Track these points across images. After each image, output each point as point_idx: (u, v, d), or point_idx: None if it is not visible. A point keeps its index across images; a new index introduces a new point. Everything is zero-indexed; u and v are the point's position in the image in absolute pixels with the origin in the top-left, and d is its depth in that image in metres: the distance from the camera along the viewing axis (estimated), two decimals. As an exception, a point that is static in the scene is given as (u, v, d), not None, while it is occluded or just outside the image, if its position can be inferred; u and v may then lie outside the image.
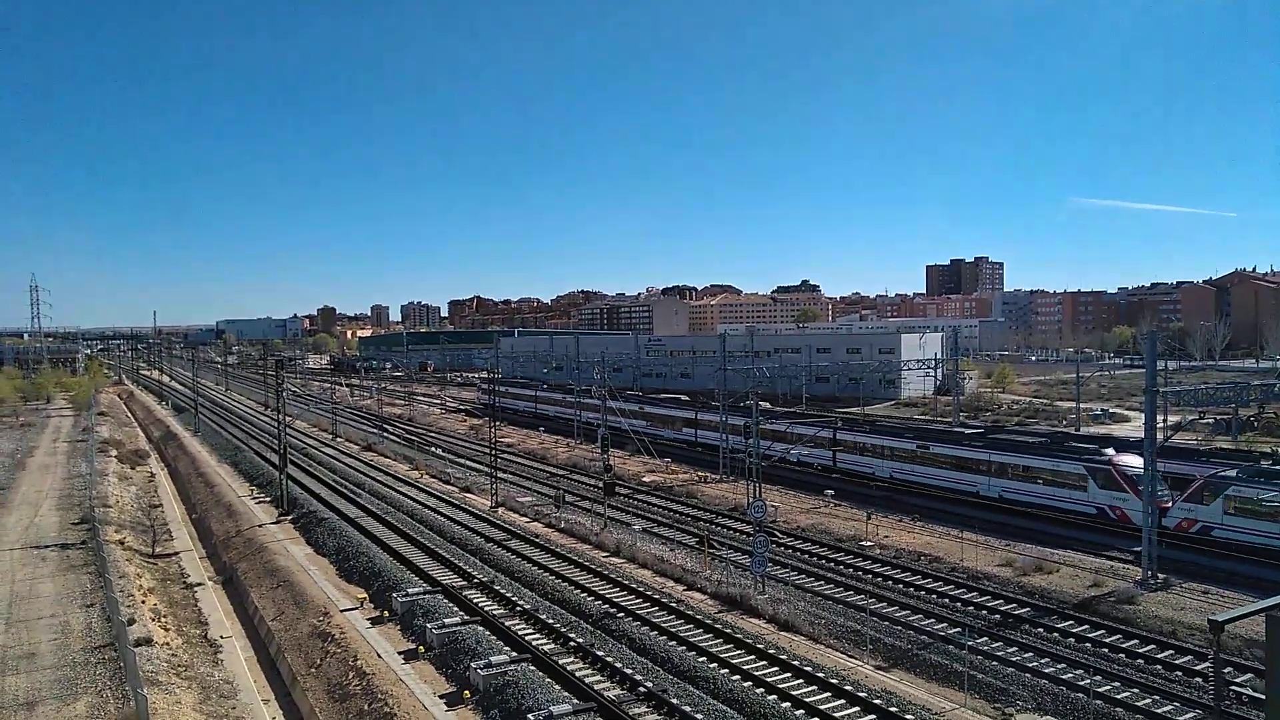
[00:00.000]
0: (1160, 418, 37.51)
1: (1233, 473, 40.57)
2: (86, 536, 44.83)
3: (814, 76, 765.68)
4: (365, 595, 34.68)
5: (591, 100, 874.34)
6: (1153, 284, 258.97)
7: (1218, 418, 71.79)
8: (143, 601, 34.34)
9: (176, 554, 45.71)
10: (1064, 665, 27.02)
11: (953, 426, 66.14)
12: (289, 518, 50.26)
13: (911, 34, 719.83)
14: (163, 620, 32.67)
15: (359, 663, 27.19)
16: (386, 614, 32.13)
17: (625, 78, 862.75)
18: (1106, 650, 28.42)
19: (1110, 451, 46.66)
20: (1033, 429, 72.37)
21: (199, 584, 40.21)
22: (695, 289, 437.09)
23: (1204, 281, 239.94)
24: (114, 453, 77.12)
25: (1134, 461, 43.98)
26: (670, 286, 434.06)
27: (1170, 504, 41.03)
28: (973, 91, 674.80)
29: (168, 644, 29.77)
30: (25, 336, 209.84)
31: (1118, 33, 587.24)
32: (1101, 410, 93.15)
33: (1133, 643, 28.81)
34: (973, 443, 52.81)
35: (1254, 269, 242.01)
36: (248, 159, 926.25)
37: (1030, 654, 28.04)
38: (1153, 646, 28.43)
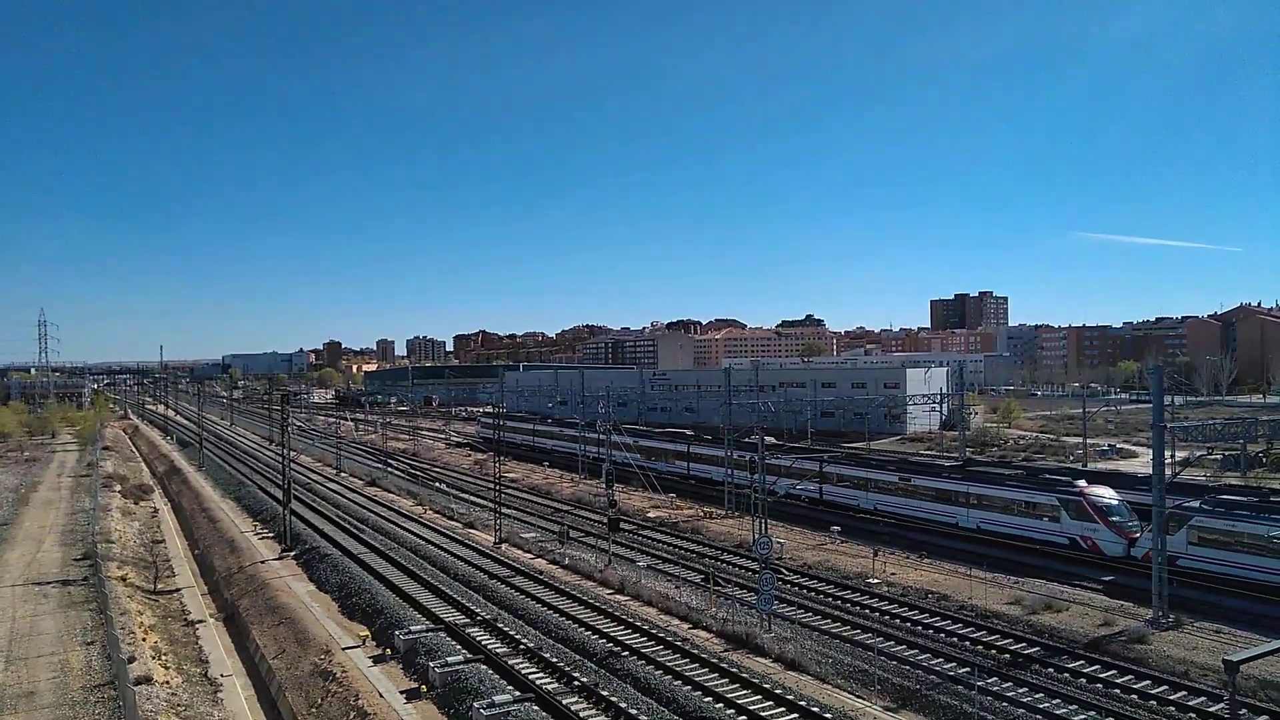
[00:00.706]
0: (1168, 453, 37.15)
1: (1196, 504, 41.75)
2: (88, 573, 44.62)
3: (819, 113, 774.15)
4: (368, 633, 34.37)
5: (597, 136, 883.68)
6: (1158, 318, 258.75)
7: (1226, 454, 71.30)
8: (143, 639, 34.08)
9: (178, 590, 45.44)
10: (1076, 706, 26.58)
11: (935, 460, 65.51)
12: (292, 554, 50.00)
13: (915, 69, 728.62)
14: (163, 658, 32.39)
15: (360, 702, 26.89)
16: (389, 652, 31.83)
17: (631, 112, 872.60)
18: (1118, 691, 27.97)
19: (1082, 483, 47.68)
20: (1014, 462, 72.32)
21: (200, 621, 39.91)
22: (700, 323, 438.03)
23: (1209, 316, 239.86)
24: (118, 488, 77.03)
25: (1105, 493, 45.91)
26: (675, 321, 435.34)
27: (1139, 534, 42.54)
28: (976, 126, 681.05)
29: (167, 682, 29.49)
30: (32, 371, 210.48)
31: (1121, 68, 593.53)
32: (1109, 446, 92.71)
33: (1145, 683, 28.36)
34: (951, 475, 54.07)
35: (1259, 304, 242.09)
36: (255, 194, 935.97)
37: (1041, 694, 27.59)
38: (1165, 687, 27.98)
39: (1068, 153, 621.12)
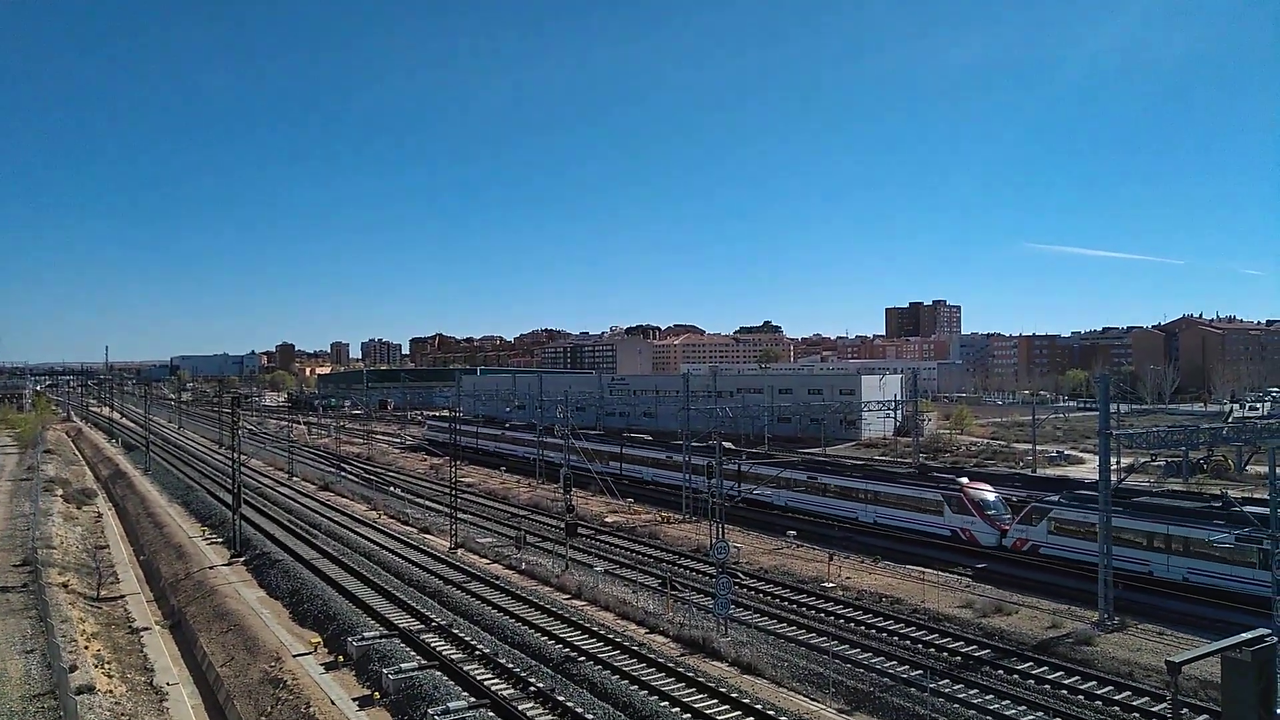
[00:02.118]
0: (1114, 460, 38.27)
1: (1055, 498, 46.83)
2: (28, 579, 43.29)
3: (775, 122, 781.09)
4: (320, 639, 33.81)
5: (555, 141, 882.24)
6: (1105, 328, 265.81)
7: (1169, 460, 73.29)
8: (85, 647, 33.12)
9: (123, 597, 44.24)
10: (1025, 707, 27.11)
11: (905, 466, 67.34)
12: (241, 559, 49.02)
13: (869, 82, 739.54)
14: (106, 666, 31.50)
15: (311, 710, 26.42)
16: (341, 659, 31.31)
17: (592, 121, 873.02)
18: (1066, 692, 28.58)
19: (964, 480, 53.16)
20: (965, 467, 75.18)
21: (145, 628, 38.90)
22: (659, 329, 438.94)
23: (1154, 326, 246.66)
24: (60, 492, 74.85)
25: (982, 490, 51.25)
26: (634, 326, 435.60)
27: (1010, 526, 47.43)
28: (932, 140, 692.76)
29: (111, 691, 28.69)
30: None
31: (1071, 88, 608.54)
32: (1057, 452, 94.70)
33: (1091, 684, 29.01)
34: (853, 474, 59.14)
35: (1201, 314, 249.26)
36: (207, 192, 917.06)
37: (991, 696, 28.09)
38: (1111, 688, 28.66)
39: (1020, 166, 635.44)
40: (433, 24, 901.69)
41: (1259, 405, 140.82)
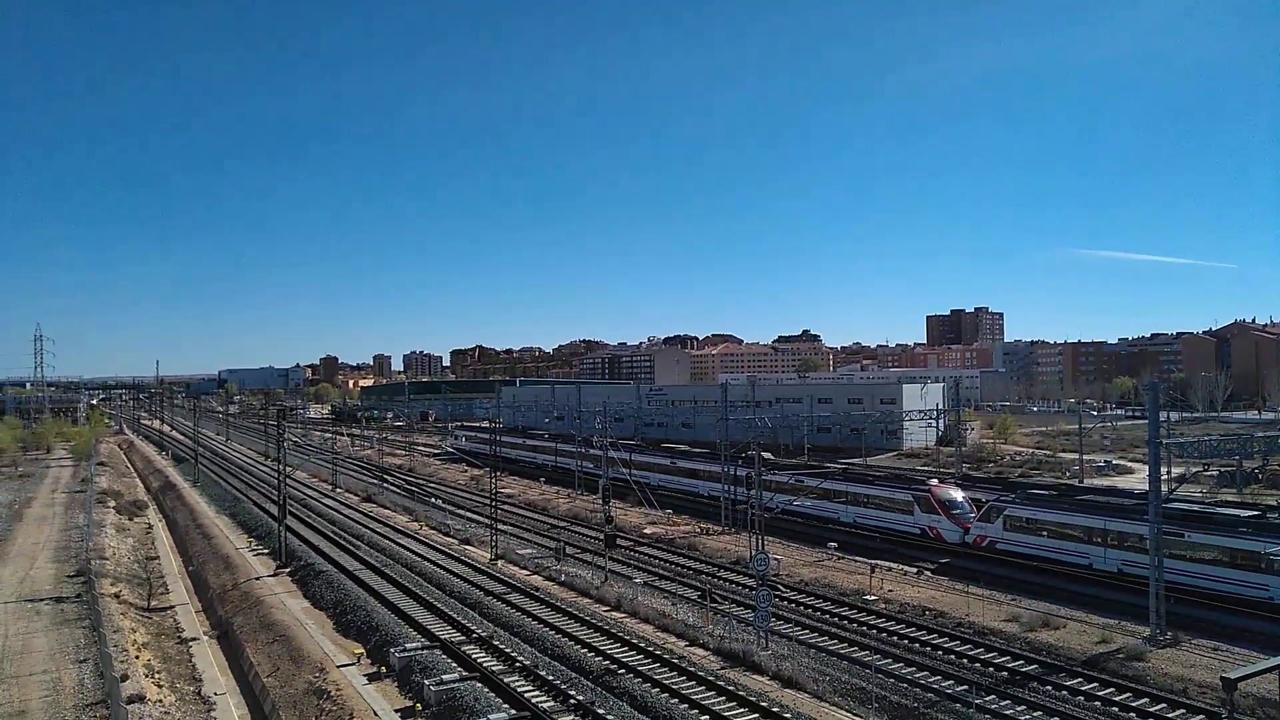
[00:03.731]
0: (1164, 470, 37.48)
1: (1011, 498, 50.84)
2: (82, 590, 44.38)
3: (816, 131, 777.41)
4: (363, 650, 34.20)
5: (596, 153, 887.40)
6: (1153, 335, 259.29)
7: (1222, 470, 71.39)
8: (136, 657, 33.85)
9: (172, 607, 45.19)
10: (1074, 724, 26.50)
11: (956, 477, 66.70)
12: (287, 570, 49.78)
13: (912, 90, 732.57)
14: (156, 676, 32.16)
15: (355, 721, 26.70)
16: (384, 670, 31.64)
17: (628, 131, 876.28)
18: (1117, 709, 27.87)
19: (934, 482, 57.24)
20: (1010, 477, 75.18)
21: (194, 639, 39.69)
22: (697, 338, 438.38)
23: (1204, 332, 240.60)
24: (112, 504, 76.71)
25: (949, 491, 54.85)
26: (672, 336, 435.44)
27: (972, 524, 50.72)
28: (972, 143, 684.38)
29: (160, 701, 29.28)
30: (28, 386, 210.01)
31: (1117, 85, 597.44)
32: (1105, 462, 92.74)
33: (1143, 701, 28.27)
34: (834, 477, 62.55)
35: (1254, 320, 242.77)
36: (252, 208, 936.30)
37: (1040, 713, 27.50)
38: (1164, 705, 27.90)
39: (1064, 168, 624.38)
40: (470, 40, 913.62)
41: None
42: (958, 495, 54.22)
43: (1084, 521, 44.84)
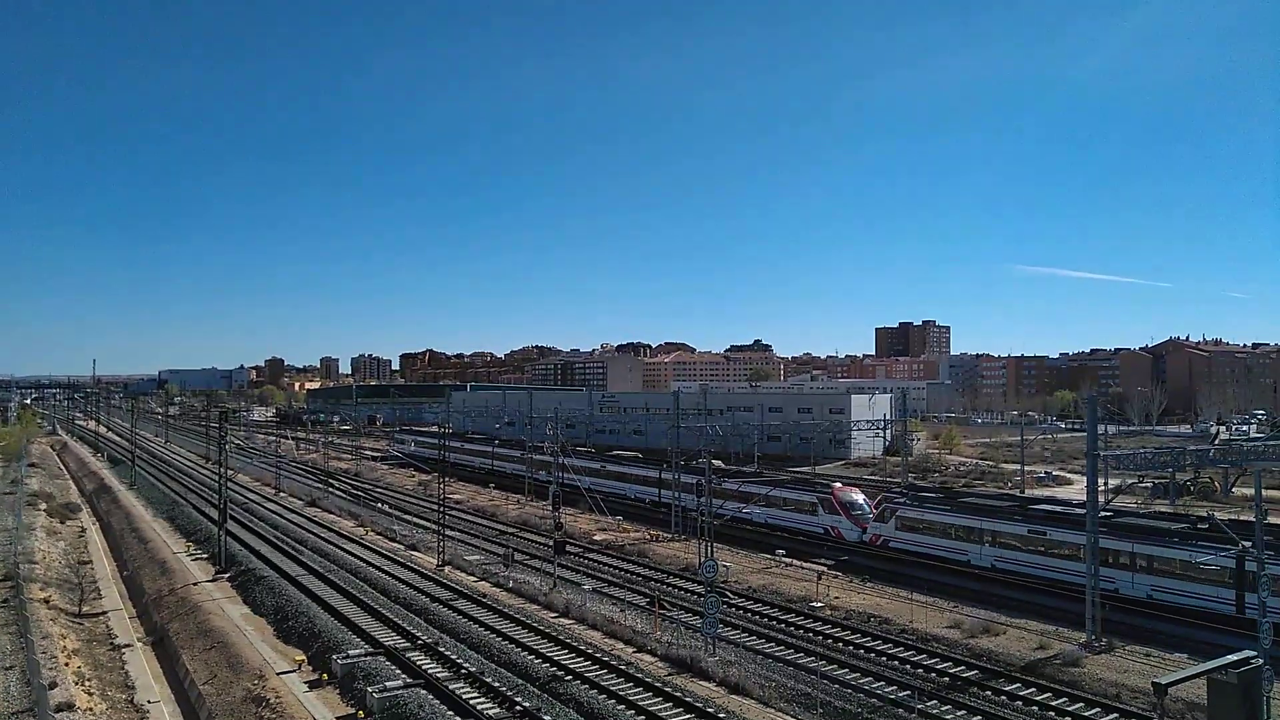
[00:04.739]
0: (1101, 481, 38.59)
1: (902, 499, 54.10)
2: (9, 594, 42.83)
3: (767, 143, 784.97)
4: (304, 657, 33.54)
5: (546, 158, 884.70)
6: (1092, 350, 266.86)
7: (1156, 481, 73.57)
8: (66, 664, 32.75)
9: (105, 613, 43.82)
10: (1012, 729, 27.04)
11: (903, 487, 67.78)
12: (226, 575, 48.62)
13: (861, 108, 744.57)
14: (86, 684, 31.14)
15: (295, 729, 26.13)
16: (326, 677, 31.05)
17: (581, 137, 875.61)
18: (1053, 714, 28.52)
19: (837, 485, 60.63)
20: (948, 487, 77.46)
21: (127, 645, 38.51)
22: (650, 346, 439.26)
23: (1141, 348, 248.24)
24: (43, 506, 74.21)
25: (849, 493, 58.34)
26: (625, 343, 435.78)
27: (869, 524, 53.84)
28: (922, 161, 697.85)
29: (91, 709, 28.36)
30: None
31: (1062, 112, 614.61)
32: (1046, 473, 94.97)
33: (1078, 705, 28.96)
34: (750, 480, 65.24)
35: (1188, 337, 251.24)
36: (194, 205, 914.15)
37: (979, 717, 28.02)
38: (1098, 710, 28.62)
39: (1010, 188, 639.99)
40: (420, 38, 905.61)
41: (1244, 427, 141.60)
42: (858, 497, 57.69)
43: (963, 522, 48.45)
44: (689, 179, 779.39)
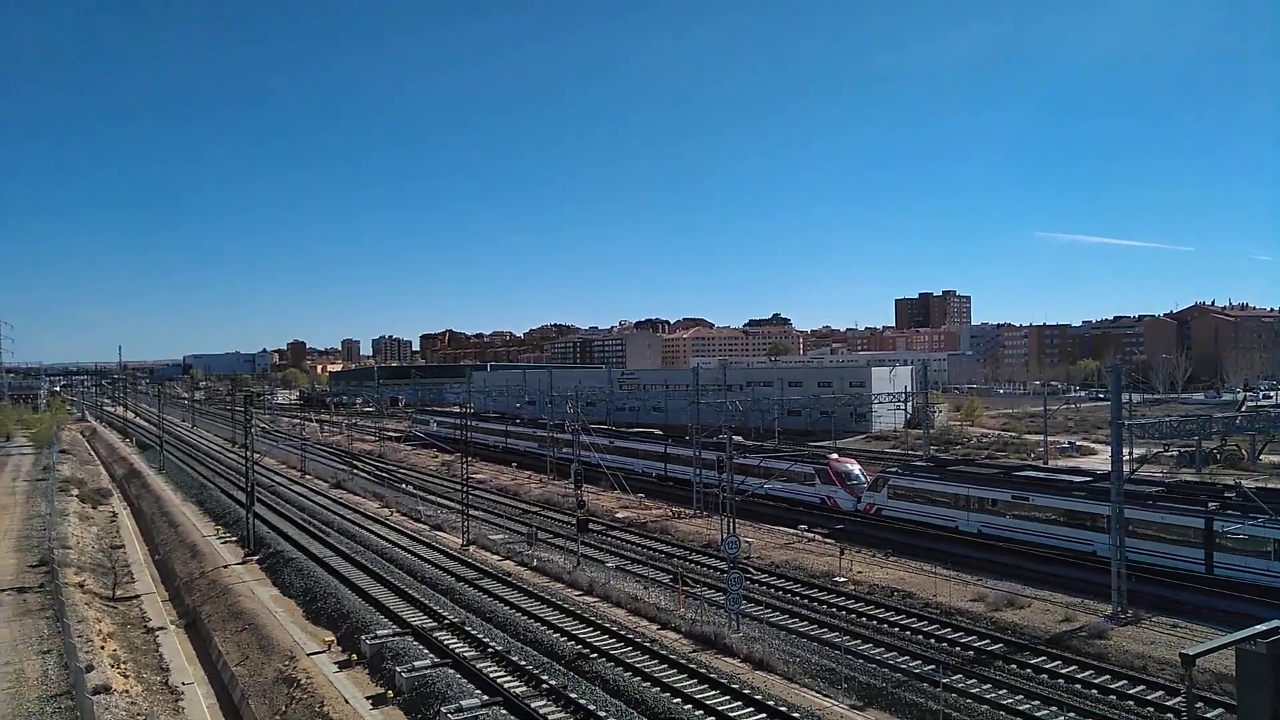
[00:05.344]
0: (1126, 450, 38.28)
1: (895, 469, 56.21)
2: (44, 579, 43.62)
3: (785, 115, 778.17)
4: (333, 638, 34.01)
5: (565, 135, 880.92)
6: (1116, 317, 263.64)
7: (1182, 450, 72.86)
8: (101, 647, 33.38)
9: (138, 597, 44.60)
10: (1038, 701, 27.02)
11: (925, 459, 67.54)
12: (255, 558, 49.31)
13: (881, 75, 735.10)
14: (122, 666, 31.76)
15: (325, 709, 26.58)
16: (355, 657, 31.49)
17: (597, 112, 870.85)
18: (1079, 686, 28.48)
19: (834, 456, 62.38)
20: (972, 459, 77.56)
21: (161, 628, 39.22)
22: (668, 322, 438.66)
23: (1165, 315, 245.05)
24: (75, 492, 75.42)
25: (845, 464, 60.45)
26: (643, 320, 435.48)
27: (863, 493, 55.81)
28: (942, 128, 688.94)
29: (127, 691, 28.92)
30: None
31: (1084, 76, 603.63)
32: (1069, 443, 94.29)
33: (1105, 678, 28.91)
34: (750, 453, 66.59)
35: (1213, 302, 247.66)
36: (217, 192, 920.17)
37: (1004, 690, 28.02)
38: (1125, 682, 28.55)
39: (1029, 154, 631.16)
40: (442, 27, 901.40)
41: (1272, 394, 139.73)
42: (854, 468, 59.82)
43: (951, 489, 50.01)
44: (705, 154, 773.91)
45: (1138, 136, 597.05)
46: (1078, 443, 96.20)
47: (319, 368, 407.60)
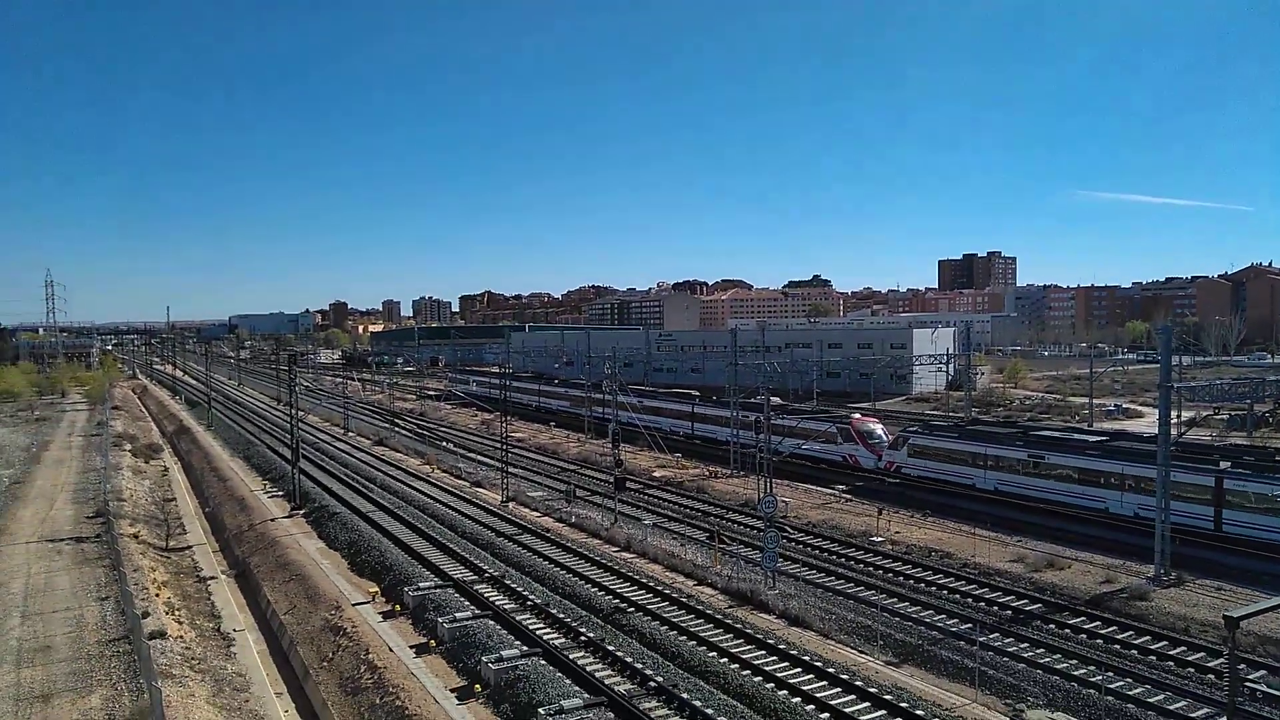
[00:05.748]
0: (1175, 413, 37.72)
1: (915, 428, 57.76)
2: (101, 530, 45.21)
3: (826, 73, 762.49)
4: (377, 589, 34.86)
5: (602, 94, 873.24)
6: (1167, 279, 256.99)
7: (1233, 413, 71.19)
8: (156, 595, 34.60)
9: (190, 548, 46.05)
10: (1076, 662, 26.88)
11: (965, 421, 66.86)
12: (301, 512, 50.53)
13: (924, 32, 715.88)
14: (176, 613, 32.92)
15: (370, 656, 27.34)
16: (398, 608, 32.29)
17: (636, 71, 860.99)
18: (1119, 647, 28.25)
19: (856, 415, 63.97)
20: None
21: (212, 577, 40.51)
22: (706, 284, 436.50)
23: (1219, 276, 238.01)
24: (128, 447, 77.72)
25: (867, 422, 61.49)
26: (681, 281, 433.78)
27: (884, 451, 56.94)
28: (985, 86, 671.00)
29: (181, 637, 30.00)
30: (40, 331, 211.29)
31: (1131, 29, 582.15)
32: (1115, 406, 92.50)
33: (1145, 639, 28.63)
34: (777, 413, 64.15)
35: (1270, 264, 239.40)
36: (261, 155, 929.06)
37: (1042, 650, 27.90)
38: (1165, 643, 28.26)
39: (1077, 112, 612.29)
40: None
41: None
42: (876, 427, 60.58)
43: (969, 448, 50.86)
44: (745, 114, 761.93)
45: (1190, 90, 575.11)
46: (1125, 405, 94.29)
47: (360, 328, 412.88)
